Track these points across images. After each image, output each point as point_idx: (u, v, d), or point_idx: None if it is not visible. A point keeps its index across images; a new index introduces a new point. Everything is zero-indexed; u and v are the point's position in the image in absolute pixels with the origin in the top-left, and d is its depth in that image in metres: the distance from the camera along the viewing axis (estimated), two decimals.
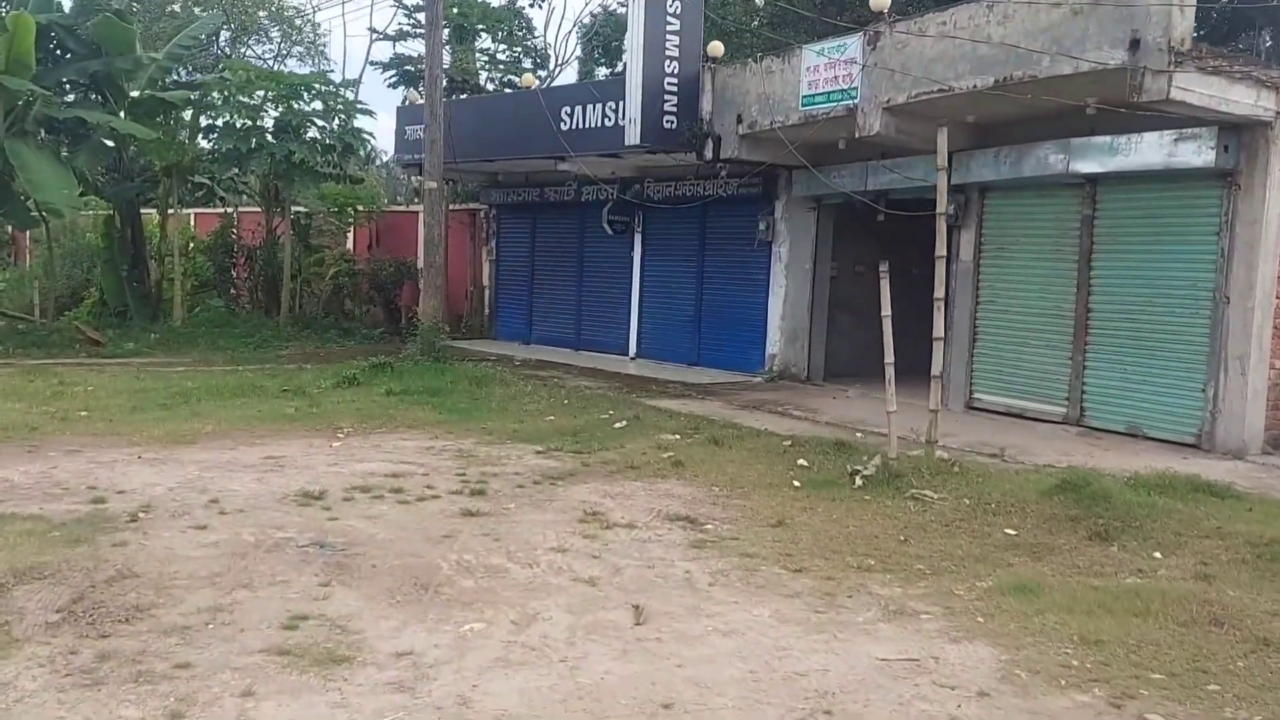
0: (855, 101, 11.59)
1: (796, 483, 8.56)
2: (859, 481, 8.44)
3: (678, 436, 10.52)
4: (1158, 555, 6.73)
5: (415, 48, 22.59)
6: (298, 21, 37.67)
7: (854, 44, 11.61)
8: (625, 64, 13.81)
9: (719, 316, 16.42)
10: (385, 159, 38.09)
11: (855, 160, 13.33)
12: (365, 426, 10.73)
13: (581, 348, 18.79)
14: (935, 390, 8.97)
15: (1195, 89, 8.74)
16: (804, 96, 12.39)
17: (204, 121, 18.98)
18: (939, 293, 8.88)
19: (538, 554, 6.42)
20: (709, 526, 7.25)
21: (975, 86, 10.23)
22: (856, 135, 11.53)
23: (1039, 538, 7.12)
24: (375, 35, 21.81)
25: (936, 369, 8.94)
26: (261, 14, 35.31)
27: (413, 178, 33.99)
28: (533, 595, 5.66)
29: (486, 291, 21.15)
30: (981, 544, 6.98)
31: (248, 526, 6.76)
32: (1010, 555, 6.75)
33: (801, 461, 9.31)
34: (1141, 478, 8.47)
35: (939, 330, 8.89)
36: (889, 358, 8.83)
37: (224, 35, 33.78)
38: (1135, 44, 8.76)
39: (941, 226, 8.79)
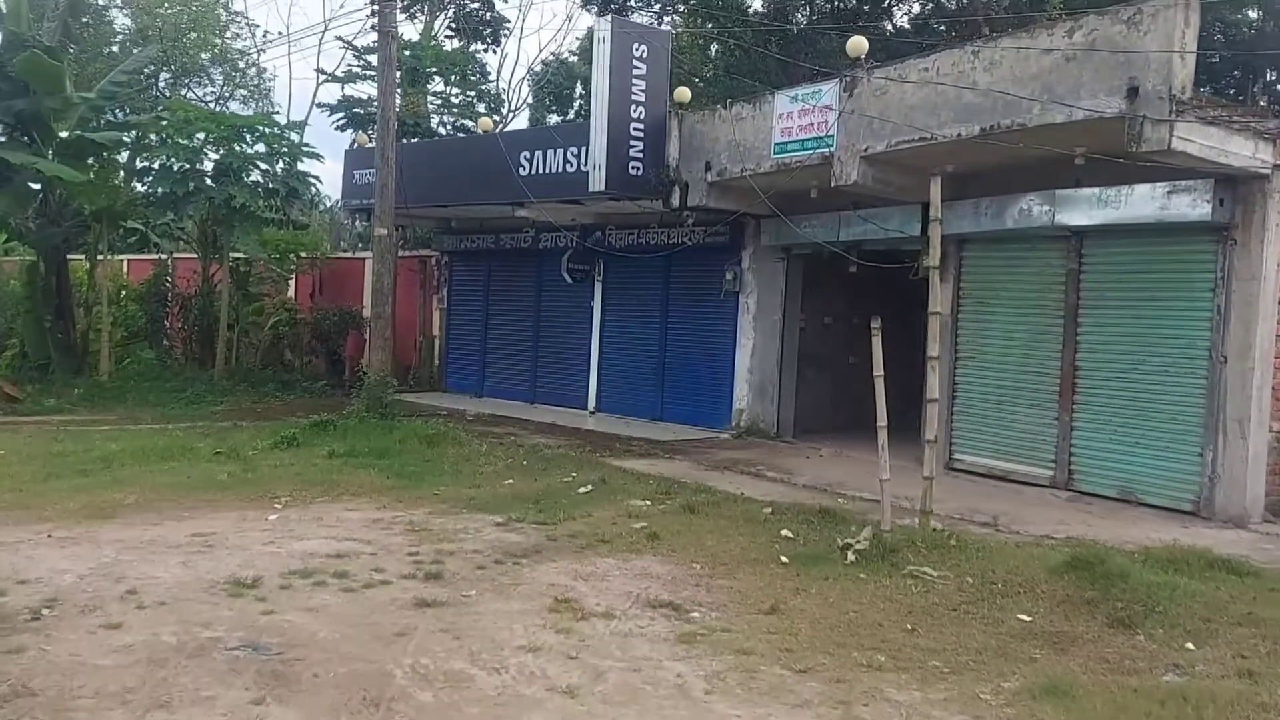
0: (831, 149, 11.08)
1: (784, 558, 7.84)
2: (851, 557, 7.75)
3: (648, 503, 9.77)
4: (1190, 647, 6.10)
5: (365, 90, 21.93)
6: (241, 64, 36.79)
7: (830, 90, 11.13)
8: (590, 109, 13.19)
9: (684, 369, 15.75)
10: (329, 204, 37.18)
11: (827, 210, 12.83)
12: (305, 495, 9.83)
13: (537, 401, 17.99)
14: (929, 456, 8.35)
15: (1196, 139, 8.32)
16: (776, 144, 11.87)
17: (139, 164, 17.97)
18: (932, 350, 8.29)
19: (505, 655, 5.60)
20: (695, 614, 6.48)
21: (960, 135, 9.76)
22: (833, 184, 11.01)
23: (1057, 625, 6.46)
24: (323, 77, 21.10)
25: (930, 433, 8.33)
26: (204, 55, 34.33)
27: (358, 223, 33.29)
28: (503, 711, 4.85)
29: (436, 341, 20.29)
30: (996, 633, 6.30)
31: (169, 624, 5.85)
32: (1030, 647, 6.07)
33: (786, 532, 8.60)
34: (1152, 553, 7.88)
35: (933, 391, 8.30)
36: (881, 420, 8.19)
37: (163, 78, 32.76)
38: (1133, 92, 8.33)
39: (935, 279, 8.22)
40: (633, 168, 13.31)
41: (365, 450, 12.06)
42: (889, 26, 27.77)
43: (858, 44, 10.96)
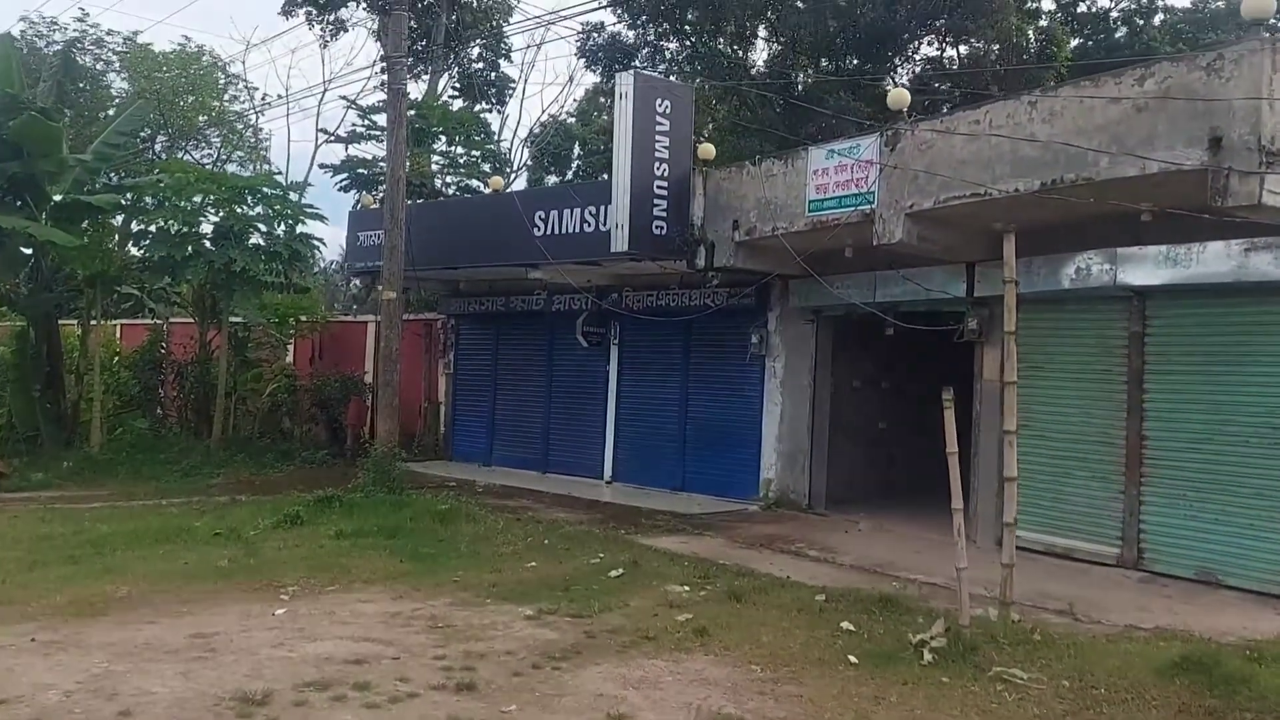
0: (872, 206, 10.46)
1: (852, 658, 7.02)
2: (928, 656, 6.94)
3: (688, 589, 8.96)
4: None
5: (369, 150, 21.44)
6: (239, 126, 36.45)
7: (870, 144, 10.54)
8: (612, 166, 12.61)
9: (707, 437, 14.99)
10: (323, 265, 36.56)
11: (859, 270, 12.18)
12: (314, 583, 8.98)
13: (550, 470, 17.18)
14: (1008, 541, 7.57)
15: None
16: (811, 201, 11.26)
17: (135, 227, 17.31)
18: (1008, 423, 7.54)
19: None
20: None
21: (1018, 190, 9.13)
22: (875, 243, 10.37)
23: None
24: (325, 137, 20.65)
25: (1009, 514, 7.56)
26: (200, 118, 33.98)
27: (354, 284, 32.66)
28: None
29: (443, 408, 19.52)
30: None
31: None
32: None
33: (847, 625, 7.78)
34: (1263, 649, 7.08)
35: (1010, 469, 7.55)
36: (957, 502, 7.42)
37: (160, 141, 32.35)
38: (1216, 142, 7.73)
39: (1011, 346, 7.50)
40: (656, 227, 12.69)
41: (374, 529, 11.24)
42: (890, 85, 27.60)
43: (899, 96, 10.41)
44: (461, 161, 20.78)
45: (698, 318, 14.81)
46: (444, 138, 20.42)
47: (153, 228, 16.70)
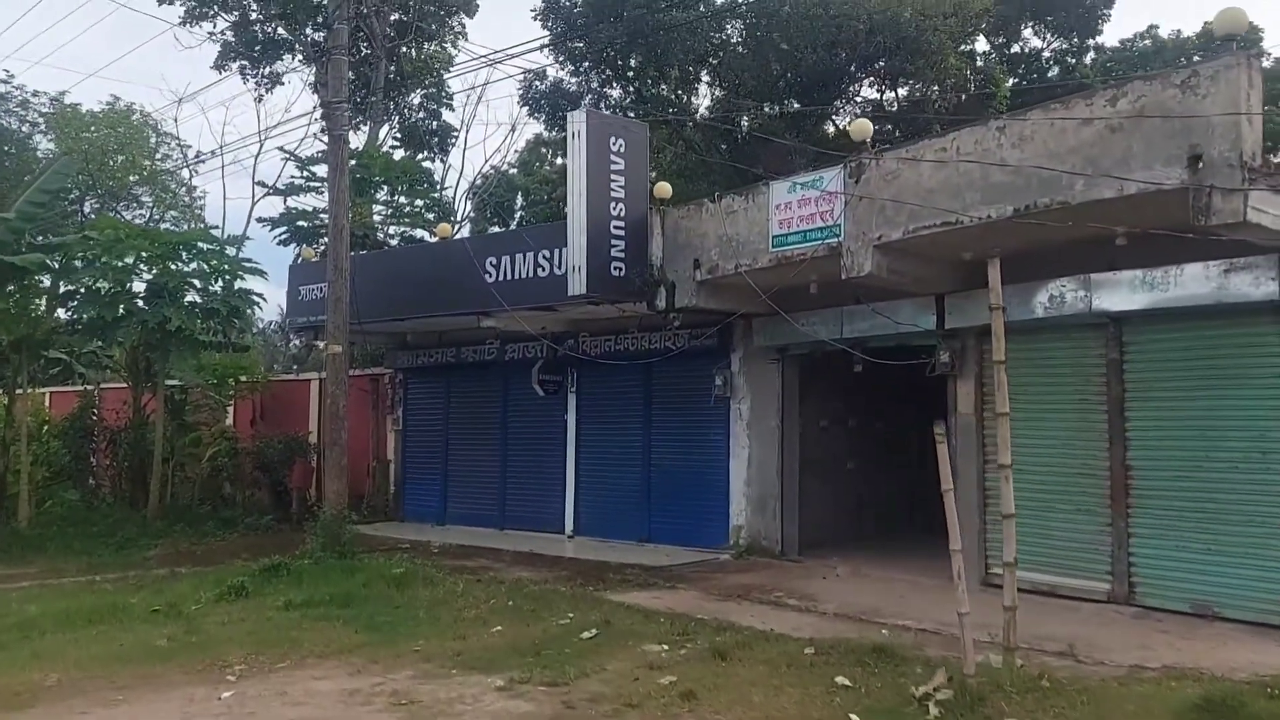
0: (839, 240, 10.14)
1: (853, 716, 6.53)
2: (934, 710, 6.48)
3: (667, 648, 8.41)
4: None
5: (309, 202, 20.83)
6: (172, 185, 35.57)
7: (833, 176, 10.25)
8: (567, 207, 12.19)
9: (672, 484, 14.48)
10: (262, 325, 35.64)
11: (826, 305, 11.86)
12: (263, 660, 8.26)
13: (507, 526, 16.52)
14: (1010, 582, 7.15)
15: (1270, 210, 7.49)
16: (775, 236, 10.93)
17: (63, 288, 16.44)
18: (1003, 457, 7.17)
19: None
20: None
21: (990, 216, 8.86)
22: (843, 276, 10.04)
23: None
24: (264, 190, 19.94)
25: (1009, 553, 7.15)
26: (131, 178, 33.08)
27: (294, 343, 31.71)
28: None
29: (392, 466, 18.77)
30: None
31: None
32: None
33: (842, 679, 7.29)
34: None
35: (1008, 505, 7.17)
36: (955, 544, 7.01)
37: (89, 203, 31.40)
38: (1195, 160, 7.52)
39: (1002, 376, 7.15)
40: (615, 268, 12.26)
41: (326, 598, 10.50)
42: (831, 129, 27.79)
43: (862, 127, 10.16)
44: (406, 211, 20.23)
45: (658, 361, 14.38)
46: (386, 187, 19.87)
47: (81, 288, 15.86)
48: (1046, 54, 29.07)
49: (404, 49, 23.70)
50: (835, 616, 9.54)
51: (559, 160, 35.23)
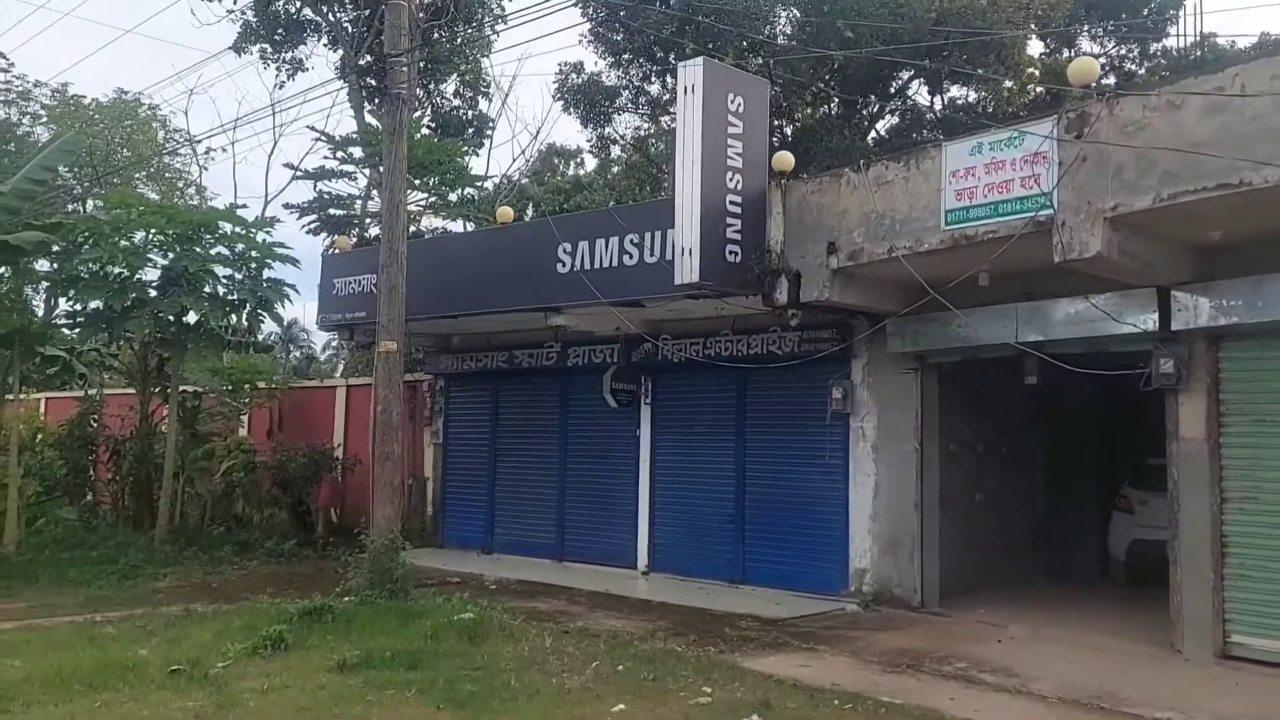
0: (1050, 212, 8.01)
1: None
2: None
3: None
4: None
5: (341, 189, 18.74)
6: (180, 184, 33.54)
7: (1041, 132, 8.14)
8: (676, 179, 10.08)
9: (773, 516, 12.31)
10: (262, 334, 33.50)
11: (987, 302, 9.71)
12: None
13: (567, 558, 14.36)
14: None
15: None
16: (950, 211, 8.81)
17: (63, 273, 14.21)
18: None
19: None
20: None
21: None
22: (1057, 259, 7.93)
23: None
24: (295, 173, 17.77)
25: None
26: (137, 175, 31.02)
27: (294, 355, 29.50)
28: None
29: (429, 485, 16.59)
30: None
31: None
32: None
33: None
34: None
35: None
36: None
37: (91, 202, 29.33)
38: None
39: None
40: (729, 253, 10.16)
41: (387, 655, 8.33)
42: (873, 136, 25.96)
43: (1085, 67, 8.09)
44: (453, 200, 18.07)
45: (757, 370, 12.23)
46: (427, 175, 17.72)
47: (85, 272, 13.68)
48: (1102, 60, 27.31)
49: (436, 33, 21.66)
50: (1061, 702, 7.33)
51: (569, 170, 33.40)
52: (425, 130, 21.52)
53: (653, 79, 26.68)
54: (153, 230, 13.59)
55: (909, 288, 10.18)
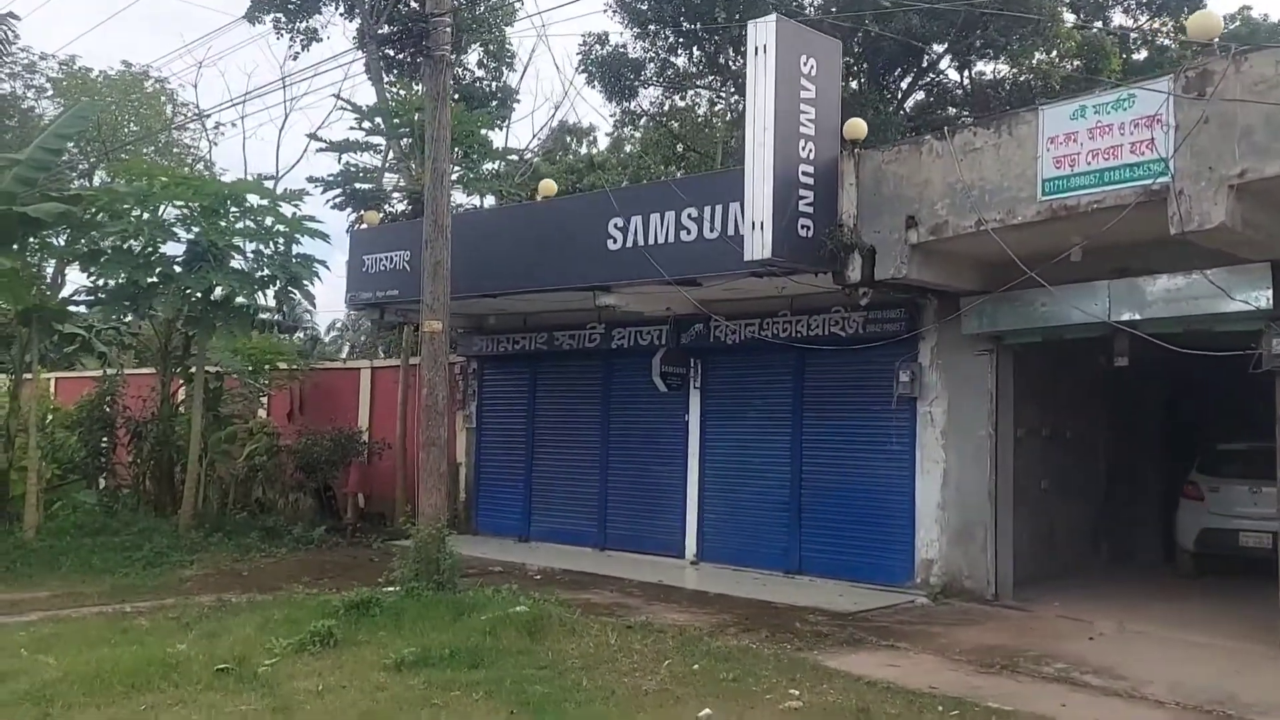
0: (1167, 179, 7.41)
1: None
2: None
3: None
4: None
5: (368, 161, 18.09)
6: (189, 160, 32.81)
7: (1155, 92, 7.53)
8: (746, 147, 9.45)
9: (832, 504, 11.75)
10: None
11: (1070, 279, 9.12)
12: None
13: (609, 546, 13.82)
14: None
15: None
16: (1048, 180, 8.21)
17: (83, 246, 13.59)
18: None
19: None
20: None
21: None
22: (1174, 231, 7.34)
23: None
24: (320, 145, 17.10)
25: None
26: (146, 151, 30.30)
27: (297, 337, 28.68)
28: None
29: (463, 470, 16.02)
30: None
31: None
32: None
33: None
34: None
35: None
36: None
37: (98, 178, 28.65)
38: None
39: None
40: (802, 227, 9.56)
41: (445, 652, 7.77)
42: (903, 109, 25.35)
43: (1207, 21, 7.45)
44: (487, 172, 17.41)
45: (815, 351, 11.66)
46: (458, 147, 17.05)
47: (107, 245, 13.05)
48: (1134, 34, 26.64)
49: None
50: (1181, 708, 6.77)
51: (582, 149, 32.68)
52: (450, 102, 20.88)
53: (678, 51, 26.03)
54: (177, 203, 12.96)
55: (989, 265, 9.64)
